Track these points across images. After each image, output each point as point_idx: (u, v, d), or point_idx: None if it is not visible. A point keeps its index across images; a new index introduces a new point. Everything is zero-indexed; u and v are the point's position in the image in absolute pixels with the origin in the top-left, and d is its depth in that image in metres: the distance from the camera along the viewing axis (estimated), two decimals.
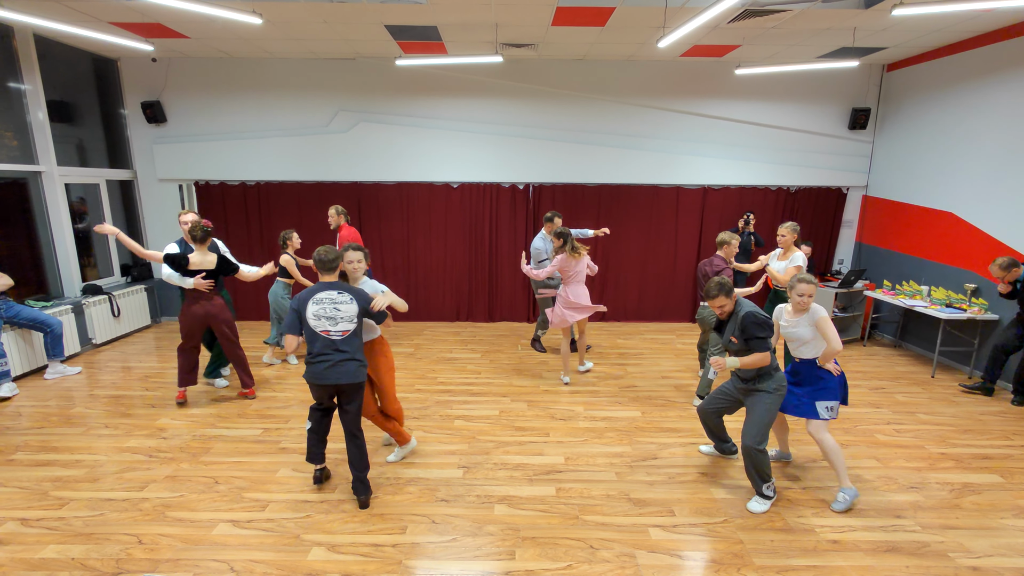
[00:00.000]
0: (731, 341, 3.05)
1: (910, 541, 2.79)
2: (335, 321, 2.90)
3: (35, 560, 2.59)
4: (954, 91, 5.66)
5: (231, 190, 6.85)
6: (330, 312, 2.90)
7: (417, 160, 6.82)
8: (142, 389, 4.75)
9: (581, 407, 4.45)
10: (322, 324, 2.89)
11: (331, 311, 2.91)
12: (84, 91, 6.25)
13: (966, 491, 3.26)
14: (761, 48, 5.88)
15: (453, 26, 5.16)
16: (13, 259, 5.45)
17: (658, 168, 6.89)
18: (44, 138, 5.60)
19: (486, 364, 5.51)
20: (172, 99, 6.61)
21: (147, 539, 2.75)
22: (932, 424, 4.20)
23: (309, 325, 2.90)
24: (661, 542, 2.76)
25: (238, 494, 3.15)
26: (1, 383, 4.54)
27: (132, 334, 6.46)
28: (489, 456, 3.62)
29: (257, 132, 6.71)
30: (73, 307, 5.54)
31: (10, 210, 5.47)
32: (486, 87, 6.64)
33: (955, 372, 5.42)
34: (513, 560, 2.62)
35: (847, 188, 7.04)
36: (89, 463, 3.50)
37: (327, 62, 6.53)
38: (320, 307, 2.90)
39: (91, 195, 6.34)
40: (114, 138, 6.65)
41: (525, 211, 7.00)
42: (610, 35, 5.46)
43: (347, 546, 2.71)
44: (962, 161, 5.56)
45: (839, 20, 4.87)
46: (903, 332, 6.29)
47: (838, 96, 6.73)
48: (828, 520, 2.96)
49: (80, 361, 5.49)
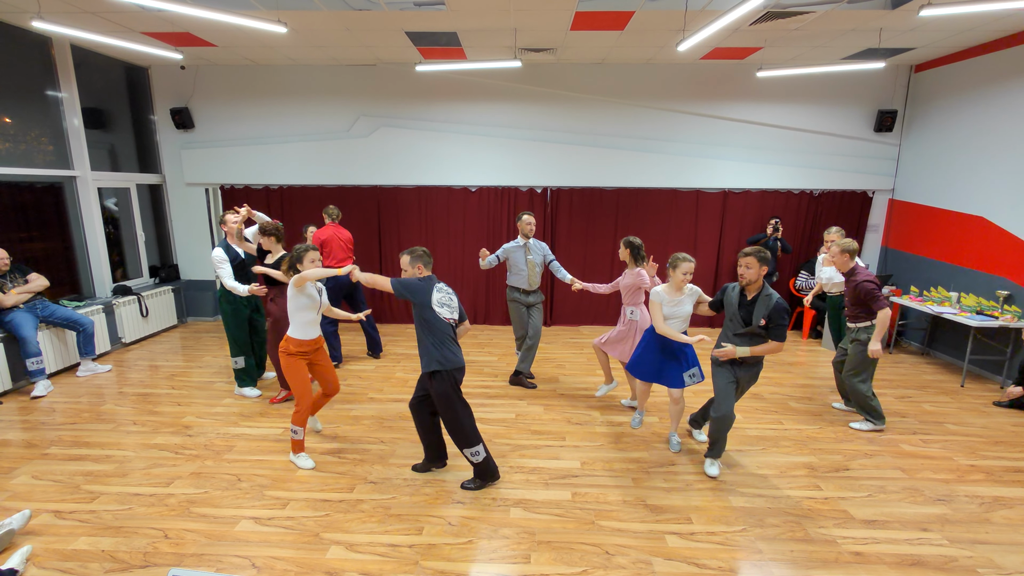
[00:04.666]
0: (760, 324, 3.17)
1: (937, 555, 2.71)
2: (452, 309, 3.18)
3: (68, 551, 2.69)
4: (985, 92, 5.50)
5: (255, 194, 7.01)
6: (448, 300, 3.18)
7: (436, 164, 6.89)
8: (168, 387, 4.89)
9: (598, 412, 4.43)
10: (444, 312, 3.12)
11: (449, 300, 3.19)
12: (116, 98, 6.48)
13: (997, 505, 3.16)
14: (784, 50, 5.80)
15: (472, 32, 5.21)
16: (48, 261, 5.66)
17: (677, 172, 6.83)
18: (79, 144, 5.82)
19: (503, 367, 5.53)
20: (199, 105, 6.80)
21: (173, 533, 2.83)
22: (961, 435, 4.08)
23: (434, 311, 3.07)
24: (678, 550, 2.74)
25: (260, 492, 3.22)
26: (37, 380, 4.72)
27: (159, 333, 6.65)
28: (505, 459, 3.63)
29: (280, 137, 6.86)
30: (104, 307, 5.73)
31: (46, 213, 5.69)
32: (505, 91, 6.68)
33: (986, 382, 5.25)
34: (528, 564, 2.63)
35: (872, 192, 6.89)
36: (118, 458, 3.61)
37: (349, 68, 6.65)
38: (441, 295, 3.15)
39: (122, 198, 6.56)
40: (144, 143, 6.88)
41: (543, 215, 7.01)
42: (629, 39, 5.45)
43: (365, 545, 2.75)
44: (994, 164, 5.39)
45: (864, 21, 4.78)
46: (931, 339, 6.12)
47: (863, 98, 6.59)
48: (851, 531, 2.89)
49: (110, 359, 5.67)
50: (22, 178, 5.31)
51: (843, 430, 4.13)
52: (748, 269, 3.18)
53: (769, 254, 3.19)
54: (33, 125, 5.45)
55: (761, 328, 3.13)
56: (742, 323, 3.24)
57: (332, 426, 4.12)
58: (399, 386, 4.95)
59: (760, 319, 3.13)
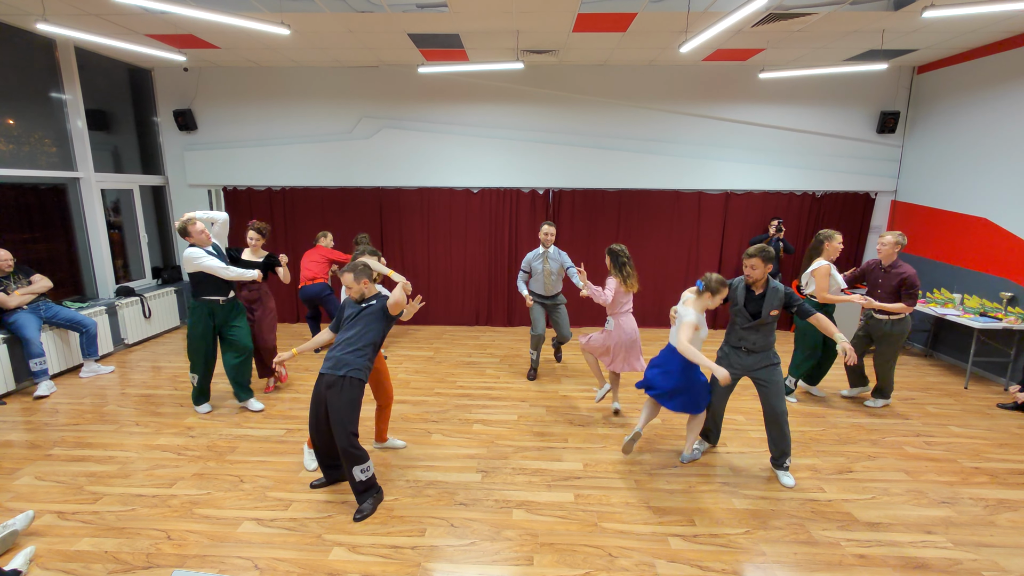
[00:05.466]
0: (771, 315, 3.24)
1: (941, 558, 2.70)
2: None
3: (71, 552, 2.69)
4: (989, 93, 5.49)
5: (257, 195, 7.03)
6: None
7: (438, 165, 6.90)
8: (171, 388, 4.89)
9: (600, 413, 4.42)
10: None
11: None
12: (120, 100, 6.50)
13: (1001, 507, 3.15)
14: (786, 51, 5.80)
15: (475, 34, 5.22)
16: (52, 262, 5.68)
17: (679, 173, 6.83)
18: (83, 145, 5.84)
19: (505, 368, 5.53)
20: (202, 107, 6.82)
21: (175, 535, 2.83)
22: (965, 437, 4.06)
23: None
24: (681, 552, 2.73)
25: (262, 493, 3.22)
26: (39, 381, 4.73)
27: (162, 335, 6.66)
28: (508, 461, 3.63)
29: (283, 139, 6.88)
30: (107, 308, 5.74)
31: (49, 215, 5.71)
32: (507, 93, 6.69)
33: (990, 384, 5.23)
34: (531, 566, 2.62)
35: (875, 193, 6.87)
36: (121, 459, 3.62)
37: (351, 70, 6.66)
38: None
39: (125, 200, 6.57)
40: (147, 145, 6.90)
41: (545, 216, 7.01)
42: (631, 40, 5.45)
43: (367, 547, 2.75)
44: (997, 165, 5.38)
45: (867, 22, 4.78)
46: (935, 341, 6.10)
47: (866, 99, 6.58)
48: (854, 534, 2.88)
49: (113, 360, 5.68)
50: (26, 180, 5.33)
51: (846, 432, 4.12)
52: (754, 270, 3.25)
53: (772, 252, 3.25)
54: (37, 127, 5.47)
55: (769, 318, 3.25)
56: (750, 317, 3.31)
57: None
58: (401, 387, 4.95)
59: (771, 311, 3.24)
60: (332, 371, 2.94)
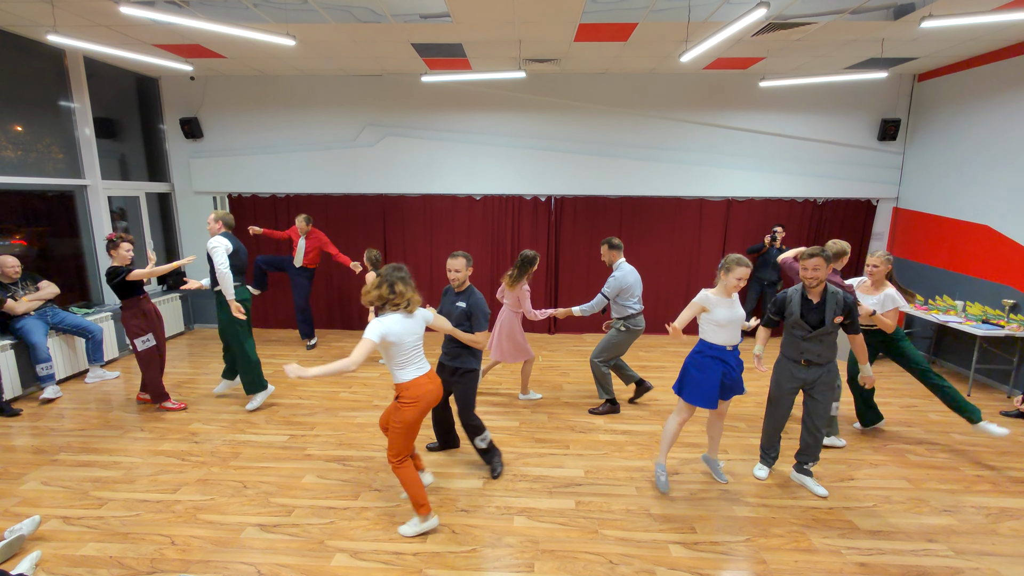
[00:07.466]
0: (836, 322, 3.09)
1: (943, 567, 2.70)
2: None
3: (76, 557, 2.72)
4: (990, 101, 5.51)
5: (262, 202, 7.09)
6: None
7: (441, 173, 6.95)
8: (175, 394, 4.92)
9: (601, 420, 4.44)
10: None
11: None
12: (127, 108, 6.58)
13: (1004, 516, 3.14)
14: (786, 60, 5.84)
15: (477, 43, 5.28)
16: (59, 268, 5.74)
17: (681, 180, 6.86)
18: (90, 153, 5.91)
19: (507, 375, 5.54)
20: (208, 115, 6.90)
21: (179, 540, 2.85)
22: (968, 445, 4.06)
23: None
24: (682, 559, 2.74)
25: (265, 499, 3.24)
26: (46, 386, 4.78)
27: (167, 340, 6.69)
28: (509, 467, 3.64)
29: (287, 146, 6.95)
30: (113, 314, 5.79)
31: (57, 221, 5.78)
32: (509, 101, 6.75)
33: (992, 391, 5.22)
34: (532, 573, 2.63)
35: (876, 200, 6.89)
36: (126, 465, 3.65)
37: (355, 78, 6.73)
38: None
39: (131, 207, 6.64)
40: (153, 152, 6.97)
41: (547, 223, 7.04)
42: (632, 50, 5.50)
43: (369, 553, 2.77)
44: (998, 172, 5.39)
45: (867, 31, 4.82)
46: (937, 348, 6.09)
47: (867, 107, 6.61)
48: (855, 542, 2.88)
49: (118, 366, 5.72)
50: (34, 187, 5.40)
51: (848, 439, 4.11)
52: (817, 271, 3.04)
53: (831, 251, 3.15)
54: (45, 134, 5.54)
55: (834, 327, 3.06)
56: (810, 328, 3.13)
57: (337, 433, 4.14)
58: None
59: (835, 318, 3.05)
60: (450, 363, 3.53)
